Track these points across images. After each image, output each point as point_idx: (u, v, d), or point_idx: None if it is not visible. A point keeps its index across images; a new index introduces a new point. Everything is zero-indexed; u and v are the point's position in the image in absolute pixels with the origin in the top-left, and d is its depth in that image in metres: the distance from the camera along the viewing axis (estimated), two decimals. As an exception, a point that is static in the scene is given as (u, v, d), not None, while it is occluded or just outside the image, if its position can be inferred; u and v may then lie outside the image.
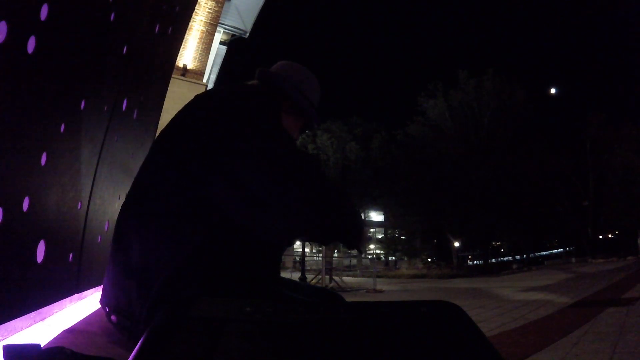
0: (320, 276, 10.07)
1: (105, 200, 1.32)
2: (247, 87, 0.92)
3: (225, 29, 8.25)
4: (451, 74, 27.80)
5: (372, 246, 32.87)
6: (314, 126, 1.07)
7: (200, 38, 6.36)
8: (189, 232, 0.71)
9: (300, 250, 12.60)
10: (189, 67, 6.23)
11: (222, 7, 6.64)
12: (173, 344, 0.37)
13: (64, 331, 0.87)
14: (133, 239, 0.74)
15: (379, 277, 13.42)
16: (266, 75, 0.99)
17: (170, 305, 0.43)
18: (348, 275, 15.21)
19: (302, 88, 0.99)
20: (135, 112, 1.53)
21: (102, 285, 0.78)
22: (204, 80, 6.85)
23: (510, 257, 26.60)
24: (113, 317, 0.75)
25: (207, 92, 0.86)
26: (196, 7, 5.86)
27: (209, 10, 6.41)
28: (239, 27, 8.38)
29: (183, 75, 5.98)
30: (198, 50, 6.38)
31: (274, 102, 0.86)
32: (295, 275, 12.58)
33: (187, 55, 6.24)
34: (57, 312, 1.14)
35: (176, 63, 2.28)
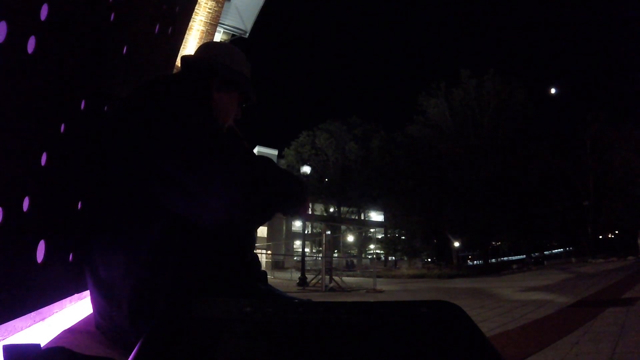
0: (320, 276, 10.06)
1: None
2: (165, 77, 0.91)
3: (225, 29, 8.25)
4: (451, 74, 27.82)
5: (372, 246, 32.86)
6: (251, 97, 1.04)
7: (200, 38, 6.35)
8: (142, 237, 0.69)
9: (301, 250, 12.59)
10: (189, 67, 6.22)
11: (222, 7, 6.63)
12: (173, 344, 0.37)
13: (64, 331, 0.87)
14: (96, 254, 0.73)
15: (379, 277, 13.42)
16: (188, 60, 0.98)
17: (170, 305, 0.43)
18: (348, 275, 15.21)
19: (228, 61, 0.97)
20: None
21: None
22: (204, 80, 6.84)
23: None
24: (104, 338, 0.76)
25: (135, 90, 0.83)
26: (196, 7, 5.86)
27: (209, 10, 6.41)
28: (239, 27, 8.39)
29: (183, 75, 5.96)
30: (198, 50, 6.37)
31: (193, 86, 0.85)
32: (295, 275, 12.58)
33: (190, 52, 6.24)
34: (57, 312, 1.14)
35: (176, 63, 2.27)
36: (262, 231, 26.67)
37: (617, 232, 26.90)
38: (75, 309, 1.25)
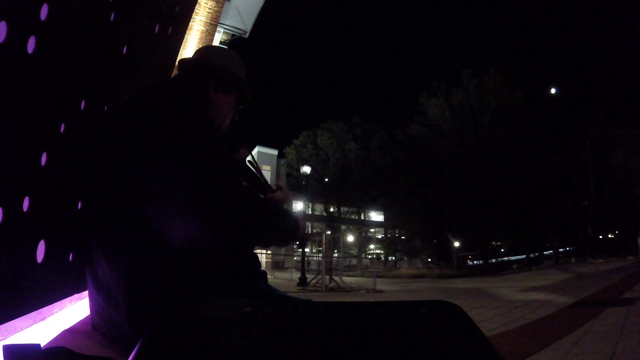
0: (320, 276, 10.05)
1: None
2: (163, 84, 0.95)
3: (225, 29, 8.24)
4: (452, 74, 27.80)
5: (372, 246, 32.84)
6: (248, 98, 1.06)
7: (200, 38, 6.35)
8: (142, 237, 0.69)
9: (300, 250, 12.58)
10: (189, 67, 6.21)
11: (222, 7, 6.63)
12: (173, 344, 0.37)
13: (64, 331, 0.87)
14: (96, 255, 0.73)
15: (379, 277, 13.42)
16: (186, 63, 1.01)
17: (170, 305, 0.43)
18: (348, 275, 15.21)
19: (225, 64, 1.00)
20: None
21: None
22: (204, 80, 6.84)
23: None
24: (103, 338, 0.76)
25: (133, 95, 0.84)
26: (196, 7, 5.86)
27: (209, 10, 6.41)
28: (239, 27, 8.38)
29: (183, 75, 5.97)
30: (198, 50, 6.37)
31: (188, 94, 0.87)
32: (296, 275, 12.57)
33: (187, 55, 6.23)
34: (57, 312, 1.15)
35: (176, 63, 2.28)
36: (262, 231, 26.52)
37: (617, 232, 26.88)
38: (75, 309, 1.25)
